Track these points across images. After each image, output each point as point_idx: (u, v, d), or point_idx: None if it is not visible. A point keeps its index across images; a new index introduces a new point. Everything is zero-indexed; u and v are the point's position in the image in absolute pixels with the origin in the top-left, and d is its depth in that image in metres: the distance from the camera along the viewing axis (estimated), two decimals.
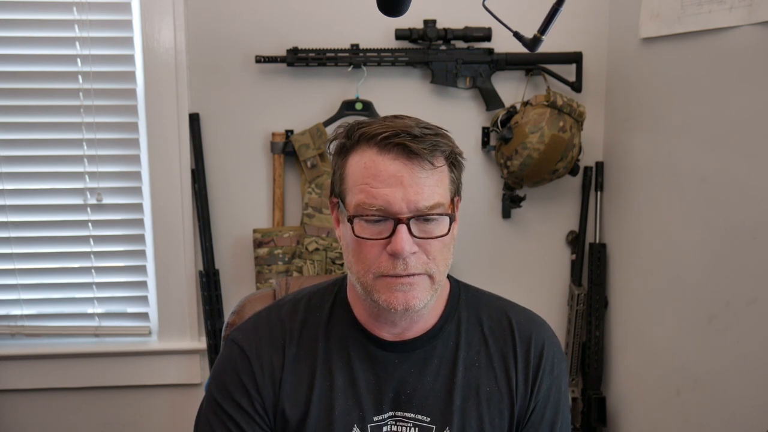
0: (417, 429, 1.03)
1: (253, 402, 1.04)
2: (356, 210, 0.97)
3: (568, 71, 2.00)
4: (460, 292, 1.12)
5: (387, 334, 1.06)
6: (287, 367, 1.05)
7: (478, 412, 1.04)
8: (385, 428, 1.04)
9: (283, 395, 1.04)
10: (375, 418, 1.04)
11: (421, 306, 0.99)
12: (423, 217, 0.96)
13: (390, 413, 1.04)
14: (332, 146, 1.04)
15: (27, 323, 2.04)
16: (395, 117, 1.02)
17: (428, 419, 1.04)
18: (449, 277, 1.13)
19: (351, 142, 1.00)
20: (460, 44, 1.97)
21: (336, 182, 1.03)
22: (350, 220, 0.98)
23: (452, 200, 1.02)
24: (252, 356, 1.05)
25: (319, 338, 1.07)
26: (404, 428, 1.04)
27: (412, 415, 1.04)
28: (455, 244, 1.05)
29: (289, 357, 1.05)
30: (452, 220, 0.99)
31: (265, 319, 1.10)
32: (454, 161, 1.02)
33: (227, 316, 1.33)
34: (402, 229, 0.95)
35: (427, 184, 0.96)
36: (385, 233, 0.96)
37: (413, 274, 0.97)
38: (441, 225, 0.98)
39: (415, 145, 0.95)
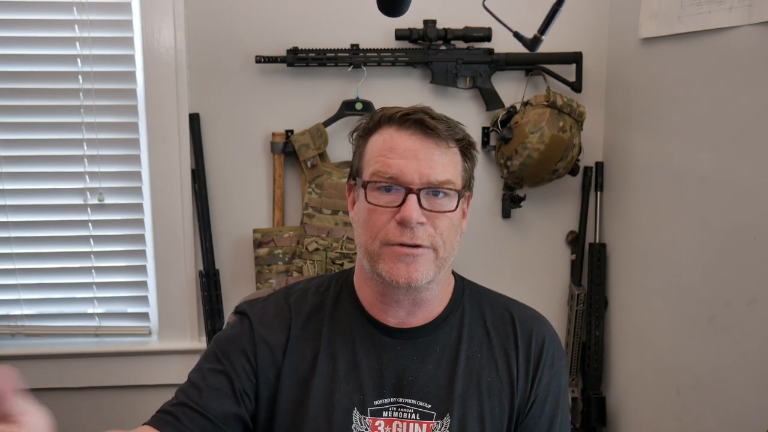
0: (418, 415, 1.05)
1: (249, 362, 1.06)
2: (371, 178, 1.02)
3: (568, 71, 2.00)
4: (464, 287, 1.15)
5: (392, 319, 1.08)
6: (290, 348, 1.07)
7: (478, 400, 1.06)
8: (385, 413, 1.05)
9: (284, 375, 1.06)
10: (375, 402, 1.05)
11: (424, 281, 1.01)
12: (433, 190, 1.01)
13: (391, 399, 1.05)
14: (355, 133, 1.10)
15: (27, 323, 2.04)
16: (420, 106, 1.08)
17: (429, 406, 1.05)
18: (454, 273, 1.15)
19: (372, 123, 1.07)
20: (460, 44, 1.97)
21: (354, 163, 1.09)
22: (364, 186, 1.03)
23: (464, 188, 1.06)
24: (255, 324, 1.09)
25: (324, 323, 1.09)
26: (405, 414, 1.05)
27: (414, 402, 1.05)
28: (462, 238, 1.08)
29: (293, 338, 1.08)
30: (461, 196, 1.04)
31: (274, 302, 1.13)
32: (468, 152, 1.07)
33: (227, 316, 1.33)
34: (412, 198, 0.99)
35: (440, 161, 1.02)
36: (395, 202, 1.00)
37: (419, 245, 1.00)
38: (450, 201, 1.03)
39: (431, 122, 1.02)
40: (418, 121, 1.02)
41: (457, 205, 1.03)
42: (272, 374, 1.06)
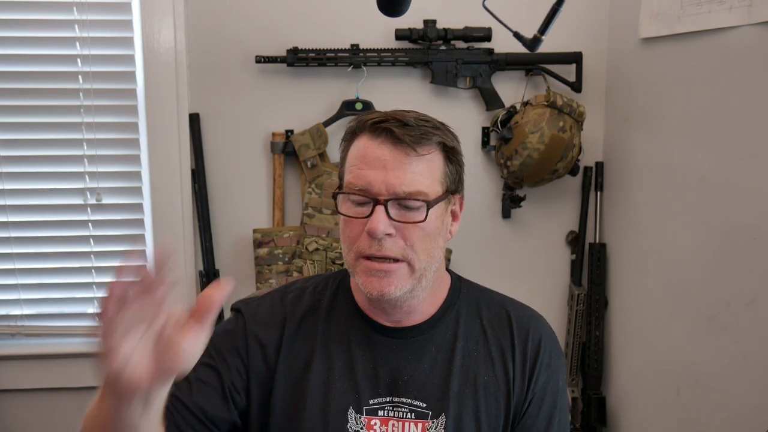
0: (413, 414, 1.05)
1: (240, 359, 1.07)
2: (344, 189, 1.02)
3: (568, 71, 2.00)
4: (460, 286, 1.14)
5: (386, 321, 1.08)
6: (285, 347, 1.08)
7: (474, 399, 1.06)
8: (380, 412, 1.05)
9: (278, 374, 1.06)
10: (371, 401, 1.05)
11: (398, 294, 1.01)
12: (401, 201, 0.99)
13: (387, 398, 1.06)
14: (342, 140, 1.09)
15: (27, 323, 2.04)
16: (401, 110, 1.06)
17: (424, 405, 1.05)
18: (450, 271, 1.15)
19: (351, 130, 1.06)
20: (460, 44, 1.97)
21: (339, 170, 1.09)
22: (334, 197, 1.03)
23: (448, 194, 1.04)
24: (249, 322, 1.09)
25: (319, 322, 1.09)
26: (401, 413, 1.05)
27: (409, 401, 1.05)
28: (453, 241, 1.07)
29: (287, 336, 1.08)
30: (429, 207, 1.01)
31: (269, 300, 1.14)
32: (450, 155, 1.05)
33: (227, 316, 1.33)
34: (379, 209, 0.98)
35: (410, 171, 0.99)
36: (365, 213, 1.00)
37: (389, 258, 1.00)
38: (421, 212, 1.00)
39: (400, 131, 0.99)
40: (387, 129, 0.99)
41: (426, 216, 1.00)
42: (265, 372, 1.07)
